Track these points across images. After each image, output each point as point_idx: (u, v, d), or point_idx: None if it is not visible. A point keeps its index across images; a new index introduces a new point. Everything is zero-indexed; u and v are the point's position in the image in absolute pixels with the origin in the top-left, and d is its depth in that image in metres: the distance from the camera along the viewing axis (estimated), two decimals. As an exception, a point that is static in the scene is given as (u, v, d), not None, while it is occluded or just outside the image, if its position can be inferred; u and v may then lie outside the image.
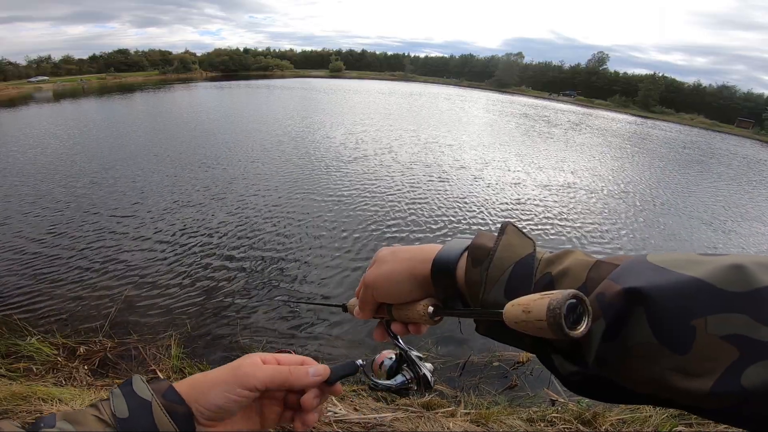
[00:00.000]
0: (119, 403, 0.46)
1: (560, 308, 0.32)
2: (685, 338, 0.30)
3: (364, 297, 0.57)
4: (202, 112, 23.30)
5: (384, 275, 0.53)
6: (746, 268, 0.29)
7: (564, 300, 0.33)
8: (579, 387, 0.39)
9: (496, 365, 3.72)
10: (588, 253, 0.42)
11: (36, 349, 3.14)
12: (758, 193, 14.50)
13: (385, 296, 0.55)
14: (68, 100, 32.80)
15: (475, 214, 8.12)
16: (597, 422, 2.31)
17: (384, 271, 0.54)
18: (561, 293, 0.33)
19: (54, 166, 10.44)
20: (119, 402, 0.46)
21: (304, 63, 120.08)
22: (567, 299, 0.33)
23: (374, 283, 0.55)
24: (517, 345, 0.45)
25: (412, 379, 0.62)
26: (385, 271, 0.53)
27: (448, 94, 52.04)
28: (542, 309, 0.33)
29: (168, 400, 0.47)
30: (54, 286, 4.83)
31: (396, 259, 0.54)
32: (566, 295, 0.33)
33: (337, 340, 4.07)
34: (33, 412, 1.83)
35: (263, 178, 9.70)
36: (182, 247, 6.02)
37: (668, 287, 0.31)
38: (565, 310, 0.32)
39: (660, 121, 60.75)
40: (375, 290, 0.55)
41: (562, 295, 0.33)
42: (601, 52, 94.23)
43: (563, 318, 0.32)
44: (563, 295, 0.33)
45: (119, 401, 0.46)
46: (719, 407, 0.29)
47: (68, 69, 74.83)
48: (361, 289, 0.58)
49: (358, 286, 0.60)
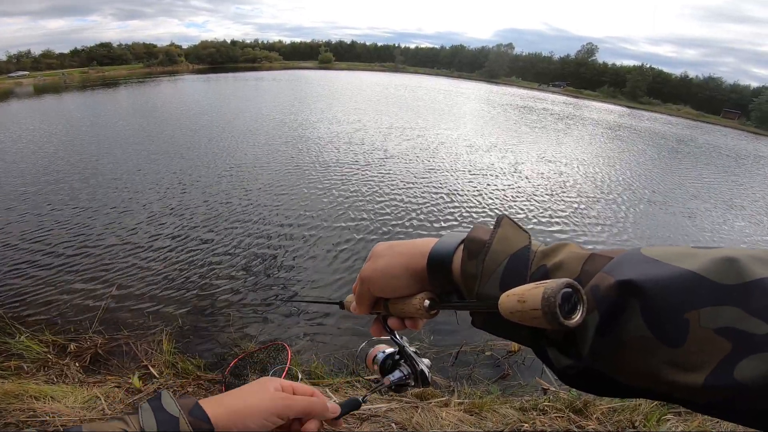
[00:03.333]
0: (148, 418, 0.47)
1: (555, 297, 0.32)
2: (679, 331, 0.30)
3: (361, 292, 0.58)
4: (191, 105, 22.90)
5: (380, 270, 0.54)
6: (739, 261, 0.30)
7: (558, 289, 0.33)
8: (574, 380, 0.39)
9: (488, 355, 3.76)
10: (582, 246, 0.43)
11: (26, 347, 3.10)
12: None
13: (382, 291, 0.55)
14: (50, 95, 32.02)
15: (472, 206, 8.17)
16: (588, 411, 2.36)
17: (380, 265, 0.54)
18: (555, 282, 0.33)
19: (39, 161, 10.20)
20: (148, 416, 0.48)
21: (293, 54, 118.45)
22: (561, 288, 0.33)
23: (370, 278, 0.55)
24: (513, 338, 0.45)
25: (410, 375, 0.63)
26: (381, 265, 0.54)
27: (439, 87, 51.68)
28: (537, 298, 0.33)
29: (194, 417, 0.49)
30: (41, 282, 4.75)
31: (392, 253, 0.54)
32: (561, 284, 0.33)
33: (331, 336, 4.07)
34: (26, 411, 1.82)
35: (257, 173, 9.58)
36: (172, 241, 5.95)
37: (662, 280, 0.31)
38: (559, 300, 0.33)
39: (647, 111, 61.34)
40: (371, 285, 0.55)
41: (556, 284, 0.33)
42: (590, 43, 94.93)
43: (558, 307, 0.32)
44: (558, 284, 0.33)
45: (148, 416, 0.48)
46: (712, 400, 0.29)
47: (49, 63, 72.81)
48: (357, 285, 0.58)
49: (354, 282, 0.60)
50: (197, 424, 0.48)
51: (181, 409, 0.48)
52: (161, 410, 0.48)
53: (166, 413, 0.48)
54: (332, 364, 3.53)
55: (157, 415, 0.47)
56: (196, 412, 0.49)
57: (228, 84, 41.09)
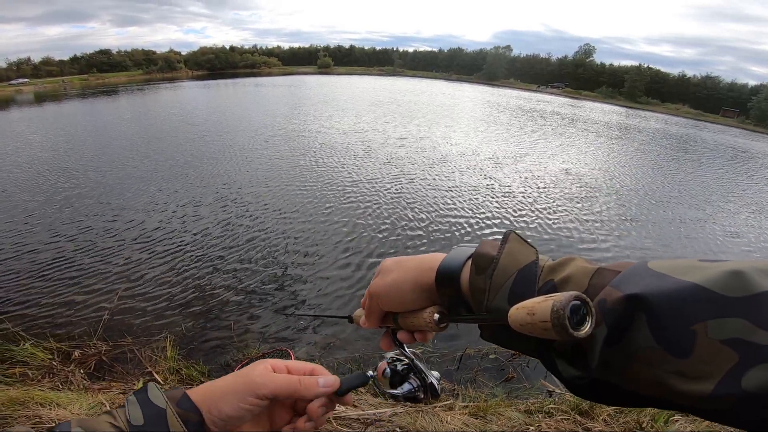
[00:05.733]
0: (134, 411, 0.47)
1: (564, 309, 0.33)
2: (686, 343, 0.30)
3: (370, 306, 0.58)
4: (192, 112, 22.98)
5: (389, 284, 0.54)
6: (745, 274, 0.30)
7: (567, 301, 0.34)
8: (583, 391, 0.40)
9: (492, 357, 3.75)
10: (589, 260, 0.43)
11: (30, 354, 3.10)
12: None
13: (391, 305, 0.56)
14: (50, 102, 32.19)
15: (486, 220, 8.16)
16: (594, 412, 2.34)
17: (389, 280, 0.55)
18: (564, 295, 0.34)
19: (41, 169, 10.25)
20: (134, 409, 0.47)
21: (292, 59, 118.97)
22: (570, 301, 0.34)
23: (379, 293, 0.56)
24: (522, 350, 0.46)
25: (419, 387, 0.63)
26: (390, 280, 0.54)
27: (435, 92, 51.66)
28: (546, 311, 0.34)
29: (182, 408, 0.47)
30: (45, 290, 4.75)
31: (400, 268, 0.55)
32: (569, 297, 0.34)
33: (335, 343, 4.05)
34: (32, 417, 1.82)
35: (265, 183, 9.57)
36: (176, 248, 5.96)
37: (668, 293, 0.32)
38: (568, 312, 0.33)
39: (647, 111, 61.39)
40: (380, 299, 0.56)
41: (565, 297, 0.34)
42: (587, 44, 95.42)
43: (567, 319, 0.33)
44: (566, 296, 0.34)
45: (134, 408, 0.47)
46: (720, 409, 0.30)
47: (49, 70, 73.29)
48: (366, 299, 0.59)
49: (363, 297, 0.60)
50: (186, 415, 0.47)
51: (169, 401, 0.47)
52: (147, 403, 0.47)
53: (153, 405, 0.47)
54: (337, 371, 3.53)
55: (143, 408, 0.46)
56: (184, 403, 0.48)
57: (228, 90, 41.19)
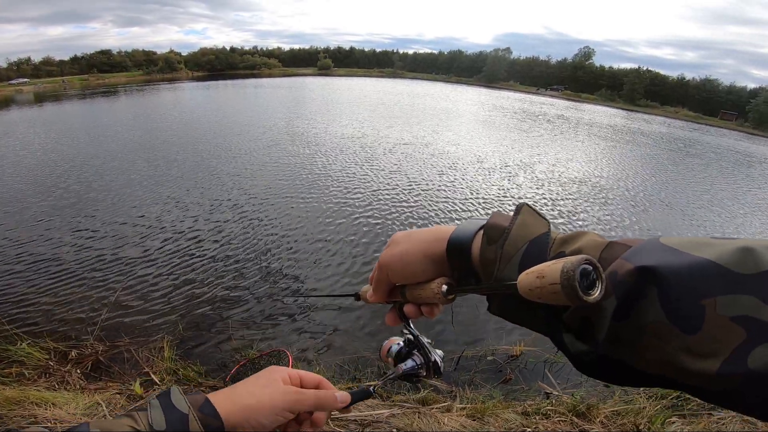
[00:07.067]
0: (157, 415, 0.47)
1: (574, 271, 0.32)
2: (695, 318, 0.30)
3: (379, 278, 0.58)
4: (191, 112, 22.98)
5: (398, 255, 0.54)
6: (756, 251, 0.30)
7: (578, 264, 0.33)
8: (589, 368, 0.39)
9: (490, 359, 3.75)
10: (601, 235, 0.43)
11: (27, 353, 3.09)
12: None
13: (400, 276, 0.55)
14: (49, 102, 32.16)
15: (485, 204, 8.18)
16: (591, 414, 2.35)
17: (398, 251, 0.54)
18: (574, 258, 0.34)
19: (38, 168, 10.24)
20: (157, 413, 0.47)
21: (292, 61, 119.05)
22: (581, 264, 0.33)
23: (389, 263, 0.55)
24: (528, 324, 0.45)
25: (422, 365, 0.63)
26: (400, 251, 0.54)
27: (434, 93, 51.74)
28: (556, 273, 0.33)
29: (204, 413, 0.48)
30: (42, 290, 4.74)
31: (410, 240, 0.54)
32: (580, 260, 0.33)
33: (332, 343, 4.05)
34: (27, 417, 1.81)
35: (259, 181, 9.59)
36: (174, 248, 5.95)
37: (680, 267, 0.32)
38: (578, 275, 0.33)
39: (647, 114, 61.51)
40: (390, 270, 0.56)
41: (575, 259, 0.33)
42: (587, 46, 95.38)
43: (577, 281, 0.32)
44: (577, 259, 0.33)
45: (157, 413, 0.47)
46: (725, 389, 0.29)
47: (49, 70, 73.33)
48: (375, 272, 0.59)
49: (371, 272, 0.60)
50: (207, 420, 0.47)
51: (191, 406, 0.48)
52: (170, 407, 0.48)
53: (176, 410, 0.47)
54: (333, 371, 3.52)
55: (166, 413, 0.47)
56: (206, 408, 0.49)
57: (228, 91, 41.19)
